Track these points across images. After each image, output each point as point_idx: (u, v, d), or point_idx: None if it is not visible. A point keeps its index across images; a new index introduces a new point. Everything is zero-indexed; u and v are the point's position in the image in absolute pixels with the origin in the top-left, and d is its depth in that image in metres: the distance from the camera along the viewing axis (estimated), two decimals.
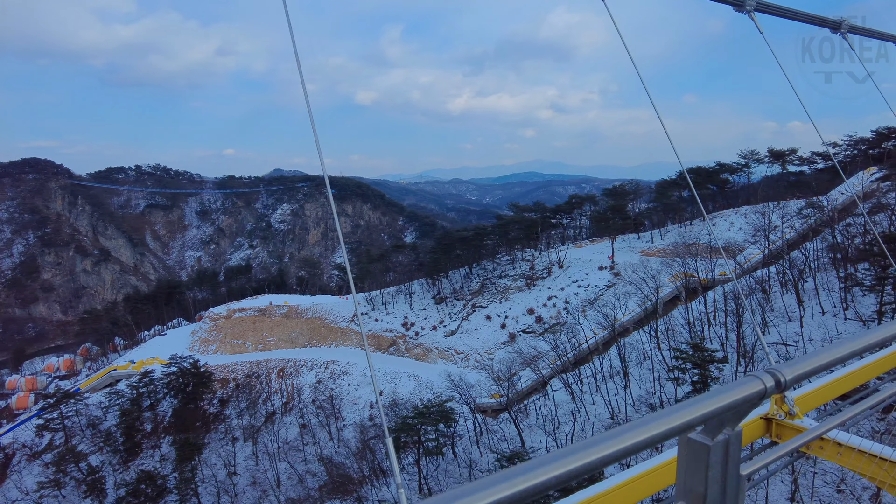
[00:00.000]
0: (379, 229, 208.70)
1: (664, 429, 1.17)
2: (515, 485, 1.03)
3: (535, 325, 60.78)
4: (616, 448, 1.15)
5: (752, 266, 53.34)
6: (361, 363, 65.32)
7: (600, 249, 71.54)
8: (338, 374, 65.71)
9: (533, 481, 1.05)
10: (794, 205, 59.61)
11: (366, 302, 74.67)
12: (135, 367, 64.84)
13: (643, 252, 64.80)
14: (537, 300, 64.31)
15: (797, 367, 1.38)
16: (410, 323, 68.44)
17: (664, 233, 69.41)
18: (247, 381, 66.63)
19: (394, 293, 74.28)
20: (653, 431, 1.16)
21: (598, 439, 1.17)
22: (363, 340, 54.70)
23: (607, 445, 1.15)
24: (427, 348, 64.77)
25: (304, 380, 65.70)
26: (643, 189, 79.29)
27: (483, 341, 61.85)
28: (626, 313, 49.99)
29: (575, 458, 1.12)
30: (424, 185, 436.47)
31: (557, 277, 67.33)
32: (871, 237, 46.87)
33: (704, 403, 1.21)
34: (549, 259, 70.64)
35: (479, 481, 1.01)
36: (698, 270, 49.07)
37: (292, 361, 68.17)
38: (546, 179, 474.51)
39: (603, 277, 62.98)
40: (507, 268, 71.85)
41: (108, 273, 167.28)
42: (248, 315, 76.90)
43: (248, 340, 74.01)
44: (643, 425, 1.17)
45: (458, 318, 66.18)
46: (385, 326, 70.00)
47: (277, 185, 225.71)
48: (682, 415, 1.19)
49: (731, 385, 1.34)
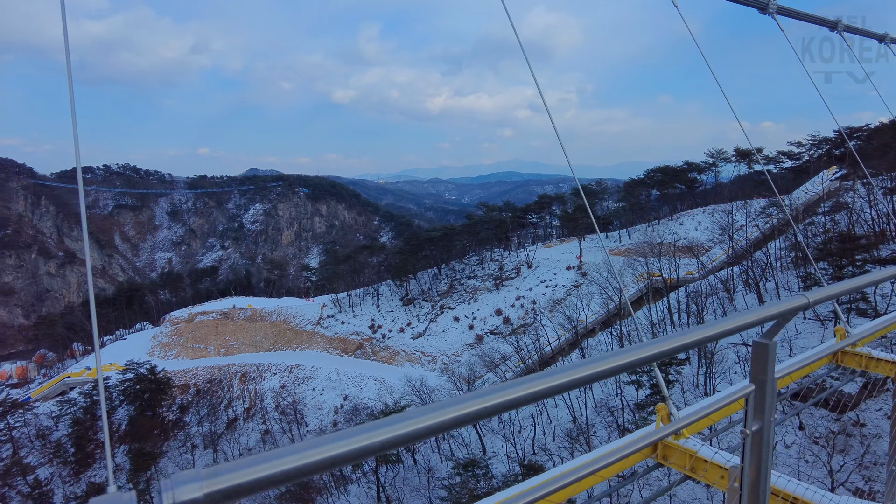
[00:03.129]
0: (354, 229, 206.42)
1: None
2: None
3: (503, 325, 60.10)
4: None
5: (716, 266, 53.39)
6: (326, 367, 63.99)
7: (569, 249, 71.21)
8: (302, 379, 64.28)
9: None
10: (759, 204, 59.93)
11: (332, 304, 73.30)
12: (90, 374, 62.48)
13: (610, 251, 64.56)
14: (505, 301, 63.67)
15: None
16: (378, 325, 67.26)
17: (632, 232, 69.31)
18: (208, 386, 64.77)
19: (361, 295, 73.00)
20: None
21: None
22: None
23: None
24: (394, 351, 63.65)
25: (267, 385, 64.14)
26: (611, 188, 79.18)
27: (451, 343, 60.96)
28: (591, 314, 49.51)
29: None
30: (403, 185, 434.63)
31: (526, 278, 66.79)
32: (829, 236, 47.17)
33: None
34: (518, 259, 70.07)
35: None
36: (662, 270, 48.81)
37: (255, 366, 66.51)
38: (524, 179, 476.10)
39: (570, 277, 62.60)
40: (476, 268, 71.10)
41: (74, 276, 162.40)
42: (211, 319, 74.85)
43: (211, 345, 72.05)
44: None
45: (426, 319, 65.18)
46: (352, 329, 68.72)
47: (250, 184, 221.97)
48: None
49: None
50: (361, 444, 0.93)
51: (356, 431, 0.95)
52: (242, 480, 0.83)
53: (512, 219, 78.06)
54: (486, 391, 1.11)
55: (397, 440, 0.98)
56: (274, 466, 0.86)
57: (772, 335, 1.98)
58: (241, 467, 0.84)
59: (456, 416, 1.06)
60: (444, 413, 1.05)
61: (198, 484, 0.81)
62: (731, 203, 61.57)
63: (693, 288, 48.19)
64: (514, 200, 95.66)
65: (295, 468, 0.87)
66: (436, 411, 1.05)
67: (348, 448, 0.92)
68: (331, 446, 0.91)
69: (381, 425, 0.97)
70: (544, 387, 1.20)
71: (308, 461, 0.88)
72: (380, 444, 0.95)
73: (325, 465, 0.91)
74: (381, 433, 0.96)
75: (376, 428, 0.96)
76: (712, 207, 65.42)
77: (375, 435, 0.95)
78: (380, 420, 0.97)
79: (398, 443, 0.98)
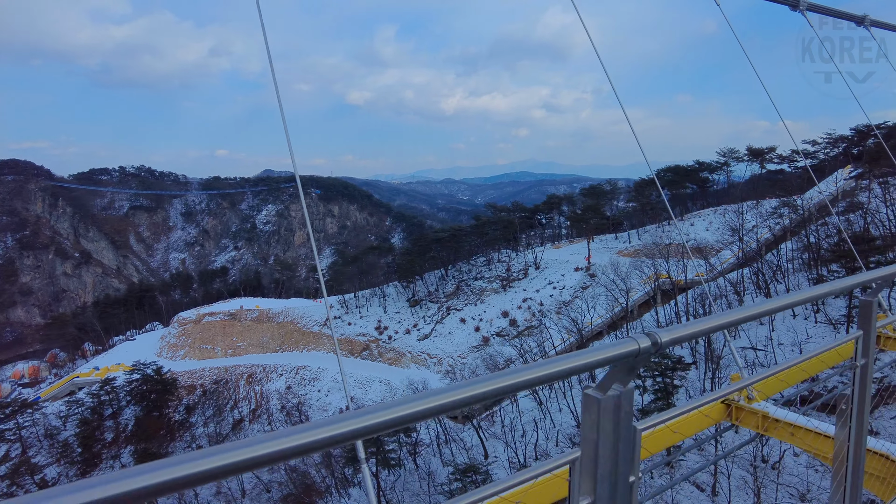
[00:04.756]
0: (366, 230, 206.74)
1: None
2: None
3: (509, 327, 59.40)
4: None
5: (727, 268, 52.19)
6: (332, 368, 63.85)
7: (578, 250, 70.27)
8: (308, 380, 64.22)
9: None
10: (770, 204, 58.51)
11: (339, 305, 73.17)
12: (98, 375, 63.00)
13: (619, 253, 63.57)
14: (512, 302, 62.96)
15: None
16: (384, 326, 66.96)
17: (642, 233, 68.17)
18: (214, 387, 64.95)
19: (368, 296, 72.76)
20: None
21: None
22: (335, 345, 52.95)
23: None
24: (400, 353, 63.28)
25: (273, 386, 64.16)
26: (621, 189, 78.00)
27: (456, 345, 60.40)
28: (597, 317, 48.64)
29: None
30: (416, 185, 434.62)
31: (533, 279, 66.03)
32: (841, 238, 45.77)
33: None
34: (525, 260, 69.31)
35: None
36: (670, 272, 47.80)
37: (262, 367, 66.58)
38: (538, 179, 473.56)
39: (578, 279, 61.71)
40: (484, 269, 70.49)
41: (90, 276, 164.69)
42: (218, 319, 75.16)
43: (218, 345, 72.30)
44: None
45: (433, 321, 64.72)
46: (358, 330, 68.50)
47: (263, 185, 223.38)
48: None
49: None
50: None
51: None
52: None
53: (520, 219, 77.29)
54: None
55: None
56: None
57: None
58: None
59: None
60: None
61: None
62: (742, 203, 60.24)
63: (703, 290, 47.13)
64: (528, 201, 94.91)
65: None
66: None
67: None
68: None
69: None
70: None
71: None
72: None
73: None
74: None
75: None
76: (724, 208, 64.06)
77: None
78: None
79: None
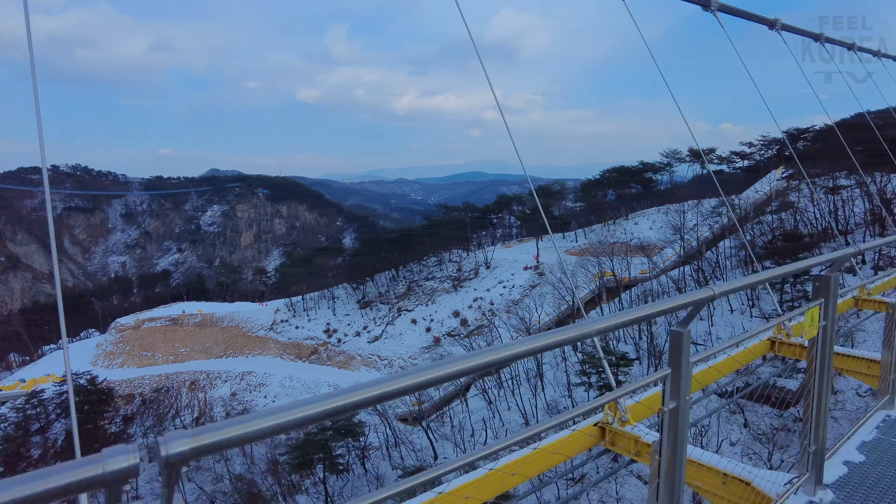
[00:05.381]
0: (316, 231, 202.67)
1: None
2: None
3: (461, 327, 59.34)
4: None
5: (669, 265, 53.79)
6: (280, 373, 62.26)
7: (527, 249, 71.00)
8: (254, 386, 62.39)
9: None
10: (711, 203, 60.80)
11: (286, 308, 71.31)
12: (24, 387, 58.94)
13: (567, 251, 64.57)
14: (463, 302, 62.95)
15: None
16: (333, 329, 65.68)
17: (588, 232, 69.53)
18: (155, 396, 62.10)
19: (317, 298, 71.23)
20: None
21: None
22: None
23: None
24: (350, 355, 62.21)
25: (217, 393, 61.95)
26: (569, 189, 79.40)
27: (407, 346, 59.86)
28: (544, 315, 49.15)
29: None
30: (369, 185, 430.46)
31: (484, 278, 66.26)
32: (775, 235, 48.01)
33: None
34: (476, 260, 69.47)
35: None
36: (615, 270, 48.85)
37: (205, 373, 64.18)
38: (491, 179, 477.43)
39: (527, 278, 62.32)
40: (435, 270, 70.22)
41: (18, 282, 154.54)
42: (159, 325, 71.88)
43: (159, 352, 69.11)
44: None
45: (383, 322, 63.93)
46: (306, 334, 66.97)
47: (208, 185, 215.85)
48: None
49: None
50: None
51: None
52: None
53: (472, 219, 77.45)
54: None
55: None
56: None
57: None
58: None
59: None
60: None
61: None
62: (684, 203, 62.30)
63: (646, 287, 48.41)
64: (481, 200, 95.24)
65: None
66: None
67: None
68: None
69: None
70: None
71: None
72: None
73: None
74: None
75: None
76: (666, 207, 66.09)
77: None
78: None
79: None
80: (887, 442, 4.16)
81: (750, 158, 79.98)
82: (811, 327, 3.12)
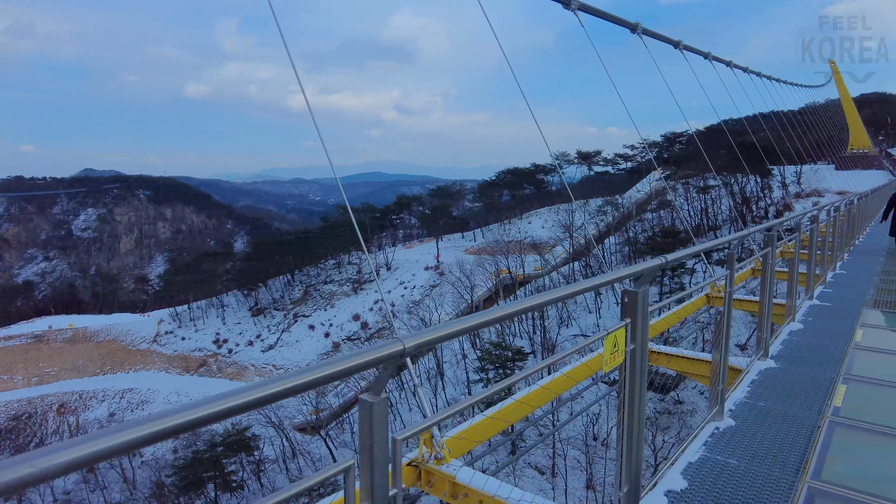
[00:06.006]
0: (204, 234, 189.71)
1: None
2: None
3: (361, 331, 58.19)
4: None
5: (560, 262, 56.35)
6: (166, 389, 57.52)
7: (428, 250, 71.28)
8: (136, 404, 57.16)
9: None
10: (597, 203, 64.56)
11: (171, 318, 66.06)
12: None
13: (466, 251, 65.63)
14: (364, 305, 61.81)
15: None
16: (223, 339, 61.78)
17: (486, 231, 71.19)
18: (13, 424, 54.83)
19: (205, 307, 66.60)
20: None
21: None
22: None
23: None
24: (242, 366, 58.81)
25: (92, 415, 56.06)
26: (468, 189, 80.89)
27: (305, 354, 57.63)
28: (444, 315, 49.49)
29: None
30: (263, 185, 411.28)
31: (385, 280, 65.49)
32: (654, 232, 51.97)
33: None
34: (377, 262, 68.48)
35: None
36: (510, 268, 50.28)
37: (77, 394, 57.80)
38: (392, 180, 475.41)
39: (428, 278, 62.50)
40: (333, 273, 68.33)
41: None
42: (19, 343, 63.67)
43: (18, 374, 61.13)
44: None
45: (278, 330, 61.12)
46: (194, 345, 62.45)
47: (81, 186, 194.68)
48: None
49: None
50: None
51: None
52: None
53: (372, 220, 76.25)
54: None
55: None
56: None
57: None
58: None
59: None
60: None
61: None
62: (572, 202, 65.63)
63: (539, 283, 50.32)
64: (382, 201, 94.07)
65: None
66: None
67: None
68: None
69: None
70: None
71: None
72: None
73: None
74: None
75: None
76: (557, 207, 69.30)
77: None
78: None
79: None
80: (712, 461, 3.68)
81: (633, 160, 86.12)
82: (614, 355, 2.54)
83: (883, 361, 5.89)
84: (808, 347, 6.32)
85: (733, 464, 3.64)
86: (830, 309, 8.26)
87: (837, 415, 4.37)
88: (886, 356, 6.08)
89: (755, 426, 4.25)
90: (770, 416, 4.44)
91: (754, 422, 4.33)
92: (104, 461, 0.57)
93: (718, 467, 3.61)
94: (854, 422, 4.28)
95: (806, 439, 4.02)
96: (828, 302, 8.70)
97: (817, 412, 4.49)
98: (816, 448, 3.83)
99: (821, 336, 6.77)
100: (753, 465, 3.65)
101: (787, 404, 4.67)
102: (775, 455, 3.78)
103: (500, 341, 35.86)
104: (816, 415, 4.44)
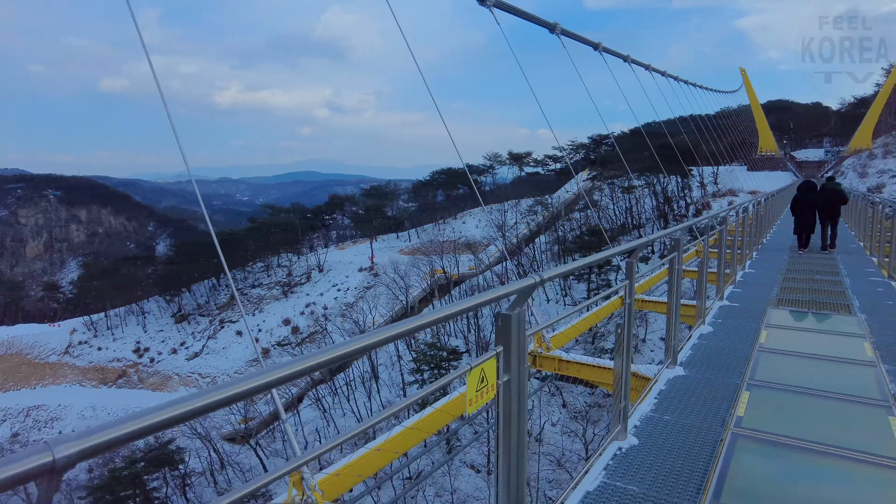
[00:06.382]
0: (123, 237, 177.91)
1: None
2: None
3: (292, 336, 56.50)
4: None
5: (493, 261, 57.15)
6: (79, 403, 53.51)
7: (362, 251, 70.24)
8: (44, 422, 52.75)
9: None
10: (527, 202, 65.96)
11: (86, 328, 61.58)
12: None
13: (401, 251, 65.24)
14: (294, 309, 60.07)
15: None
16: (144, 348, 58.27)
17: (420, 231, 71.08)
18: None
19: (123, 315, 62.53)
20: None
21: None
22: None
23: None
24: (166, 376, 55.70)
25: None
26: (402, 189, 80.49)
27: (233, 361, 55.29)
28: (379, 316, 48.94)
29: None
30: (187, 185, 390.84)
31: (317, 282, 63.99)
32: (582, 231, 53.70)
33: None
34: (308, 264, 66.79)
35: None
36: (445, 267, 50.45)
37: None
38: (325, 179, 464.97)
39: (362, 279, 61.61)
40: (262, 276, 66.00)
41: None
42: None
43: None
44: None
45: (203, 336, 58.33)
46: (111, 355, 58.51)
47: None
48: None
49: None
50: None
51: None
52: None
53: (303, 221, 74.17)
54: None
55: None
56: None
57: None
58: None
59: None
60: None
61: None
62: (504, 203, 66.75)
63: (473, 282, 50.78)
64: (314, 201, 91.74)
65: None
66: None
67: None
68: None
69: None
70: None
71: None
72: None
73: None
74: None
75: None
76: (490, 207, 70.27)
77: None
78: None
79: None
80: (611, 488, 3.36)
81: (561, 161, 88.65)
82: (482, 391, 2.18)
83: (785, 364, 5.83)
84: (716, 352, 6.10)
85: (633, 490, 3.35)
86: (739, 309, 8.22)
87: (739, 425, 4.16)
88: (789, 358, 6.02)
89: (659, 444, 3.95)
90: (675, 430, 4.16)
91: (658, 439, 4.03)
92: None
93: (618, 495, 3.30)
94: (755, 432, 4.06)
95: (708, 455, 3.76)
96: (737, 302, 8.68)
97: (720, 423, 4.24)
98: (718, 464, 3.61)
99: (728, 339, 6.63)
100: (654, 490, 3.36)
101: (691, 417, 4.38)
102: (677, 476, 3.52)
103: (434, 342, 35.80)
104: (720, 426, 4.19)
